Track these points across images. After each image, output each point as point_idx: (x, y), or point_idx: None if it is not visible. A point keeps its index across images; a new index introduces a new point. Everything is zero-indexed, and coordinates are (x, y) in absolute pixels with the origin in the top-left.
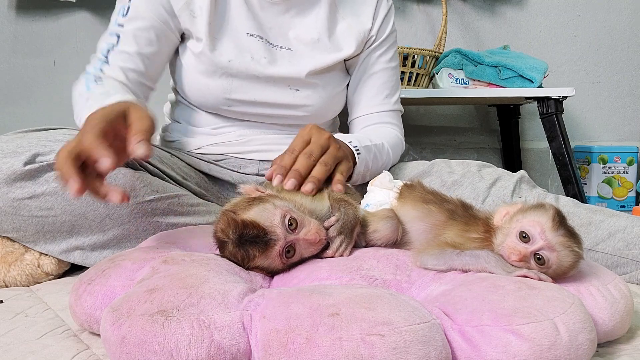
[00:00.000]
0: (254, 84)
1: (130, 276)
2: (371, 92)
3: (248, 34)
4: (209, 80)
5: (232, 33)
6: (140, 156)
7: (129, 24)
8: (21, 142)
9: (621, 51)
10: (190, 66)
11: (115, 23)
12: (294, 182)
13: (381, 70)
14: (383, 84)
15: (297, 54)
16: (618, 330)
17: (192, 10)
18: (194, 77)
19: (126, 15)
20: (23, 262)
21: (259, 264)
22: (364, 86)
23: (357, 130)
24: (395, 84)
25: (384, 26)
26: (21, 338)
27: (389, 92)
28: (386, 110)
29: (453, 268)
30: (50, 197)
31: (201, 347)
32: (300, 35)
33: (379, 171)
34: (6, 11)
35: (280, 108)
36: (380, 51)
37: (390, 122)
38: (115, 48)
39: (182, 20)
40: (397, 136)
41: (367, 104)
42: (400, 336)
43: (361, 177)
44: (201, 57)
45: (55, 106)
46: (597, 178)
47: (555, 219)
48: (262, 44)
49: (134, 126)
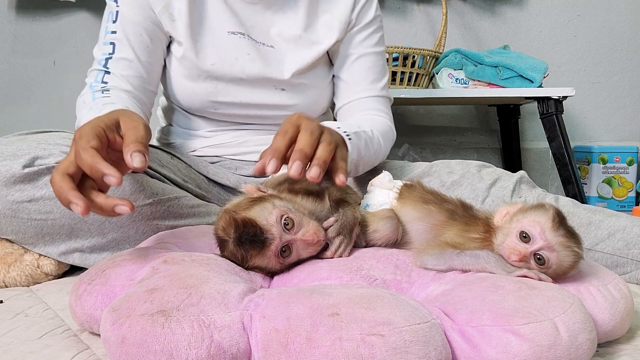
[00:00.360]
0: (238, 86)
1: (130, 276)
2: (356, 78)
3: (229, 32)
4: (194, 84)
5: (212, 34)
6: (137, 168)
7: (121, 30)
8: (21, 145)
9: (621, 51)
10: (175, 71)
11: (107, 31)
12: (299, 164)
13: (365, 54)
14: (368, 68)
15: (280, 52)
16: (618, 330)
17: (171, 14)
18: (178, 81)
19: (116, 20)
20: (22, 262)
21: (257, 263)
22: (348, 71)
23: (345, 119)
24: (382, 69)
25: (364, 11)
26: (21, 338)
27: (375, 77)
28: (373, 96)
29: (453, 268)
30: (49, 201)
31: (201, 347)
32: (282, 32)
33: (371, 162)
34: (6, 11)
35: (267, 109)
36: (363, 35)
37: (379, 108)
38: (114, 56)
39: (163, 23)
40: (387, 124)
41: (354, 90)
42: (400, 336)
43: (354, 167)
44: (183, 62)
45: (55, 106)
46: (597, 178)
47: (556, 219)
48: (245, 40)
49: (128, 136)
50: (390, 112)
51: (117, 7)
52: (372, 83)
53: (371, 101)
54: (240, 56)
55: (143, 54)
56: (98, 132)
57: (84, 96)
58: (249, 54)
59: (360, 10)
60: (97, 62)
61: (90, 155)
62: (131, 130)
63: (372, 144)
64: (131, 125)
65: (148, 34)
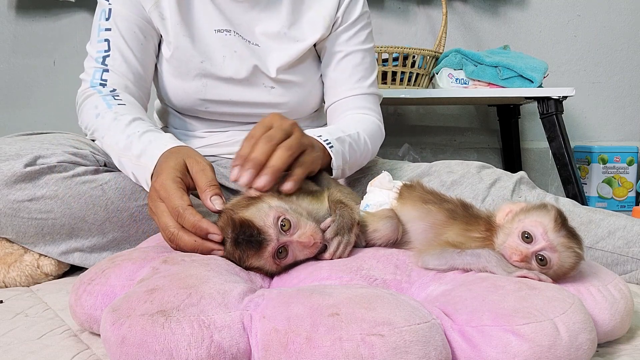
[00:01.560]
0: (228, 84)
1: (130, 276)
2: (344, 75)
3: (216, 30)
4: (184, 83)
5: (200, 33)
6: (217, 210)
7: (115, 27)
8: (24, 144)
9: (621, 51)
10: (165, 71)
11: (100, 28)
12: (251, 172)
13: (353, 52)
14: (355, 66)
15: (265, 50)
16: (618, 330)
17: (160, 13)
18: (169, 81)
19: (109, 18)
20: (22, 263)
21: (254, 264)
22: (335, 70)
23: (334, 118)
24: (370, 66)
25: (350, 8)
26: (21, 338)
27: (363, 75)
28: (361, 94)
29: (454, 267)
30: (50, 200)
31: (201, 347)
32: (266, 30)
33: (358, 163)
34: (6, 11)
35: (258, 107)
36: (350, 33)
37: (367, 107)
38: (110, 53)
39: (154, 21)
40: (374, 123)
41: (341, 88)
42: (400, 336)
43: (341, 171)
44: (172, 61)
45: (55, 106)
46: (597, 178)
47: (558, 220)
48: (232, 37)
49: (200, 181)
50: (379, 109)
51: (110, 5)
52: (360, 81)
53: (359, 99)
54: (227, 54)
55: (138, 51)
56: (182, 186)
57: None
58: (235, 51)
59: (346, 8)
60: (94, 60)
61: (192, 214)
62: (200, 174)
63: (359, 147)
64: (199, 169)
65: (141, 30)
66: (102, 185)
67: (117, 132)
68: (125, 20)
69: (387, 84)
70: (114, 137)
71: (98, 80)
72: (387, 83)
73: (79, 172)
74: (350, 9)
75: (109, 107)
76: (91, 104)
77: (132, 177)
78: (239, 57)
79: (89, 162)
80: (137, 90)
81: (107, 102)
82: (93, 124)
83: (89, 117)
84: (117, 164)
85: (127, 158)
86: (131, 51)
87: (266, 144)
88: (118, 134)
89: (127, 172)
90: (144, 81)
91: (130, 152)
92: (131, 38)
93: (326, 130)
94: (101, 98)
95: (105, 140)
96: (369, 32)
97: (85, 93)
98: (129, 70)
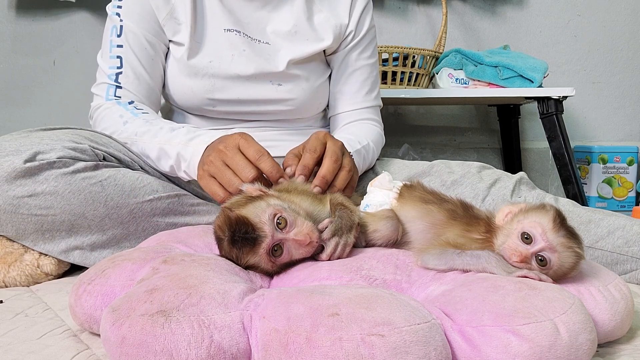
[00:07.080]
0: (235, 83)
1: (130, 276)
2: (353, 89)
3: (225, 29)
4: (192, 82)
5: (210, 32)
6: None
7: (127, 44)
8: (24, 141)
9: (621, 51)
10: (173, 70)
11: (112, 44)
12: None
13: (362, 67)
14: (364, 81)
15: (275, 48)
16: (618, 330)
17: (176, 18)
18: (177, 79)
19: (120, 35)
20: (22, 262)
21: (251, 262)
22: (345, 84)
23: (339, 126)
24: (375, 79)
25: (362, 21)
26: (21, 338)
27: (370, 89)
28: (367, 107)
29: (454, 268)
30: (49, 196)
31: (201, 347)
32: (277, 28)
33: (364, 169)
34: (6, 11)
35: (264, 104)
36: (361, 48)
37: (372, 118)
38: (123, 70)
39: (167, 30)
40: (378, 132)
41: (349, 101)
42: (400, 336)
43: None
44: (182, 61)
45: (55, 106)
46: (597, 178)
47: (557, 220)
48: (240, 37)
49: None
50: (380, 118)
51: (121, 22)
52: (367, 94)
53: (365, 112)
54: (236, 53)
55: (149, 66)
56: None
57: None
58: (244, 50)
59: (358, 20)
60: (107, 77)
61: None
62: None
63: (368, 156)
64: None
65: (152, 46)
66: (102, 182)
67: (156, 128)
68: (137, 36)
69: (387, 83)
70: (154, 132)
71: (112, 97)
72: (387, 83)
73: (78, 168)
74: (362, 21)
75: (135, 115)
76: (115, 114)
77: (173, 160)
78: (247, 55)
79: (88, 156)
80: (150, 104)
81: (131, 111)
82: (122, 130)
83: (115, 124)
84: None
85: (172, 145)
86: (143, 67)
87: (334, 163)
88: (157, 130)
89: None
90: (154, 94)
91: (176, 140)
92: (143, 55)
93: (347, 142)
94: (124, 108)
95: (145, 137)
96: (374, 46)
97: (102, 105)
98: (140, 86)
